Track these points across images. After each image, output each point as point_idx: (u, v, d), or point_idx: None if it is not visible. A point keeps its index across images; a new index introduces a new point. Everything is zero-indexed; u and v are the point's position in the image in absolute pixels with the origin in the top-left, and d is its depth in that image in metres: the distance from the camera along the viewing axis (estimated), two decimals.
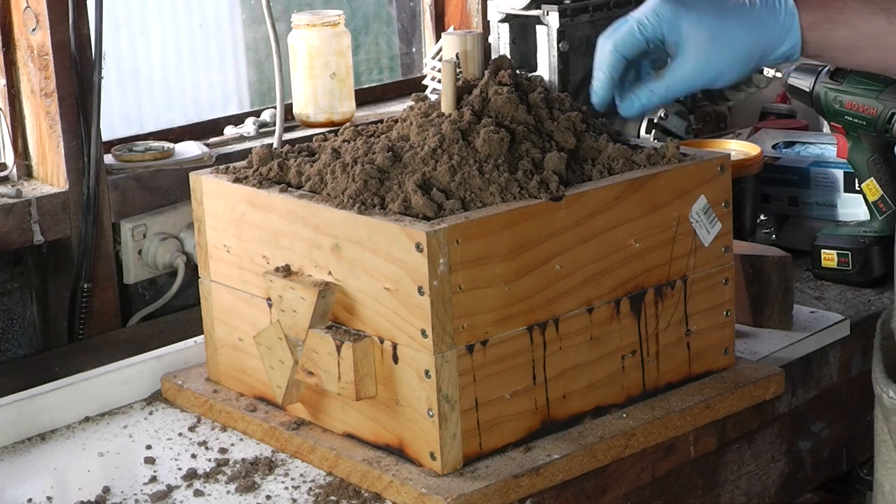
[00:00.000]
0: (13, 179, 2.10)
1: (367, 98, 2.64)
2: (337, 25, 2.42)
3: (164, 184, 2.17)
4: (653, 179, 1.59)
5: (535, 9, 2.31)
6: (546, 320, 1.52)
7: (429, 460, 1.48)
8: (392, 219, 1.46)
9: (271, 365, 1.59)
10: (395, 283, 1.46)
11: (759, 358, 1.79)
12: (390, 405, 1.50)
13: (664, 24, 1.55)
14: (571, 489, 1.53)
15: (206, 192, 1.69)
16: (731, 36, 1.55)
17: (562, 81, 2.29)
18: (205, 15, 2.59)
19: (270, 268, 1.59)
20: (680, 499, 1.69)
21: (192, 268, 2.17)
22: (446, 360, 1.45)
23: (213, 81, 2.60)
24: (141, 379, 1.78)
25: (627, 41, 1.56)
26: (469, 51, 1.69)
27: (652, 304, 1.62)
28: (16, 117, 2.10)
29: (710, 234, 1.66)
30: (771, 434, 1.80)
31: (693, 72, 1.56)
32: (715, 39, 1.54)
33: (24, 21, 2.05)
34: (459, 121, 1.56)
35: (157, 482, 1.55)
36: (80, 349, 2.01)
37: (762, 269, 1.87)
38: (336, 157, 1.60)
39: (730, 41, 1.55)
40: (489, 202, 1.49)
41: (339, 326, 1.54)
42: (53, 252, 2.09)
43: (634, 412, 1.61)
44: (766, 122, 2.59)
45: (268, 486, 1.53)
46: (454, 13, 2.75)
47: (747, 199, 2.16)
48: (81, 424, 1.72)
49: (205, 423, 1.69)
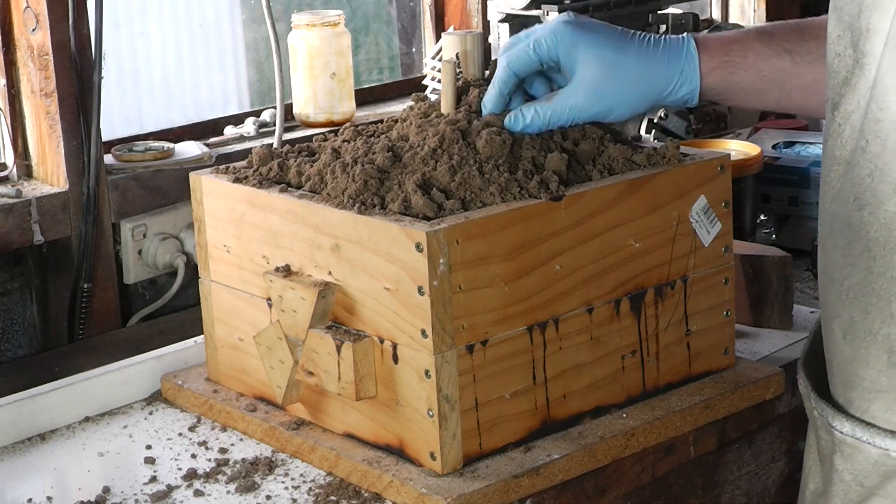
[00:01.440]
0: (13, 179, 2.10)
1: (367, 98, 2.64)
2: (337, 25, 2.42)
3: (164, 184, 2.17)
4: (653, 179, 1.59)
5: (535, 9, 2.31)
6: (546, 320, 1.53)
7: (429, 460, 1.48)
8: (392, 219, 1.46)
9: (271, 365, 1.59)
10: (395, 283, 1.46)
11: (759, 358, 1.79)
12: (390, 405, 1.50)
13: (560, 47, 1.54)
14: (571, 489, 1.53)
15: (206, 192, 1.69)
16: (627, 72, 1.53)
17: None
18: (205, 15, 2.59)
19: (270, 268, 1.59)
20: (680, 499, 1.69)
21: (192, 268, 2.17)
22: (446, 360, 1.45)
23: (213, 81, 2.60)
24: (141, 379, 1.78)
25: (521, 59, 1.56)
26: (469, 51, 1.69)
27: (652, 304, 1.62)
28: (16, 117, 2.10)
29: (710, 234, 1.66)
30: (771, 434, 1.80)
31: (583, 102, 1.55)
32: (610, 73, 1.52)
33: (24, 21, 2.05)
34: (459, 121, 1.56)
35: (157, 482, 1.55)
36: (80, 349, 2.01)
37: (762, 269, 1.87)
38: (336, 157, 1.60)
39: (625, 77, 1.53)
40: (489, 202, 1.49)
41: (339, 326, 1.54)
42: (53, 252, 2.09)
43: (634, 412, 1.61)
44: (766, 122, 2.59)
45: (268, 486, 1.53)
46: (454, 13, 2.75)
47: (747, 199, 2.16)
48: (81, 424, 1.72)
49: (205, 423, 1.69)
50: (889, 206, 1.24)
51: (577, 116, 1.56)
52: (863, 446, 1.31)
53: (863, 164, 1.26)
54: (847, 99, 1.26)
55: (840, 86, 1.27)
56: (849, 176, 1.28)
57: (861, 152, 1.26)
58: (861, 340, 1.30)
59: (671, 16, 2.39)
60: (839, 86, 1.27)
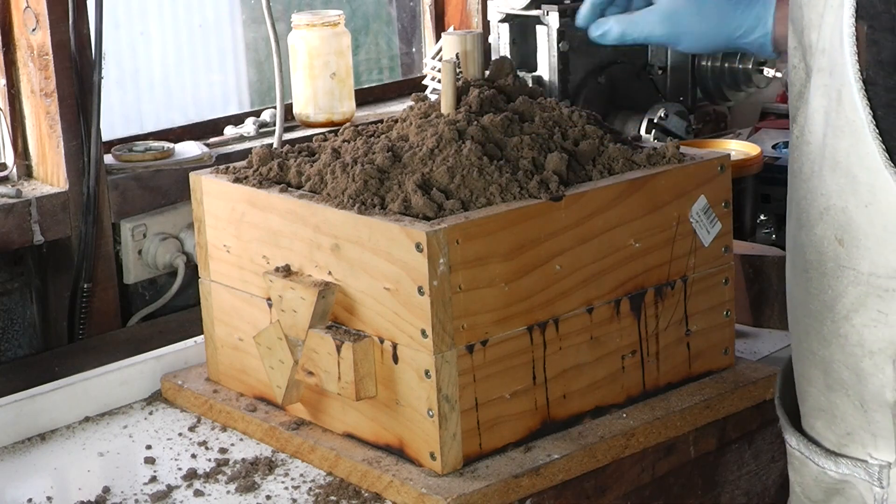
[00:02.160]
0: (13, 179, 2.10)
1: (367, 98, 2.64)
2: (337, 25, 2.42)
3: (164, 184, 2.17)
4: (653, 179, 1.59)
5: (535, 9, 2.31)
6: (546, 320, 1.52)
7: (429, 460, 1.48)
8: (392, 219, 1.46)
9: (271, 365, 1.59)
10: (395, 283, 1.46)
11: (759, 358, 1.79)
12: (390, 405, 1.50)
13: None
14: (571, 489, 1.53)
15: (206, 192, 1.69)
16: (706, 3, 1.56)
17: (562, 81, 2.29)
18: (205, 15, 2.59)
19: (270, 268, 1.59)
20: (680, 499, 1.69)
21: (192, 268, 2.17)
22: (446, 360, 1.45)
23: (213, 81, 2.60)
24: (141, 379, 1.78)
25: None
26: (469, 51, 1.69)
27: (652, 304, 1.62)
28: (16, 117, 2.10)
29: (710, 234, 1.66)
30: (771, 434, 1.80)
31: (658, 21, 1.59)
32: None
33: (24, 21, 2.05)
34: (459, 121, 1.56)
35: (157, 482, 1.55)
36: (80, 349, 2.01)
37: (762, 269, 1.87)
38: (336, 157, 1.60)
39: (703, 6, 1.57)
40: (489, 202, 1.49)
41: (339, 326, 1.54)
42: (53, 252, 2.09)
43: (634, 412, 1.61)
44: (766, 122, 2.59)
45: (268, 486, 1.53)
46: (454, 13, 2.75)
47: (747, 199, 2.17)
48: (81, 424, 1.72)
49: (205, 423, 1.69)
50: (817, 230, 1.24)
51: (649, 35, 1.61)
52: (806, 461, 1.34)
53: (800, 186, 1.26)
54: (801, 113, 1.26)
55: (796, 99, 1.27)
56: (794, 197, 1.29)
57: (799, 174, 1.26)
58: (805, 360, 1.32)
59: None
60: (796, 99, 1.28)
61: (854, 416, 1.28)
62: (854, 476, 1.29)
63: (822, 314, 1.27)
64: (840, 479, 1.31)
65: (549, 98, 1.67)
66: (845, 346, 1.25)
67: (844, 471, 1.30)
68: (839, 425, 1.30)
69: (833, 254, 1.23)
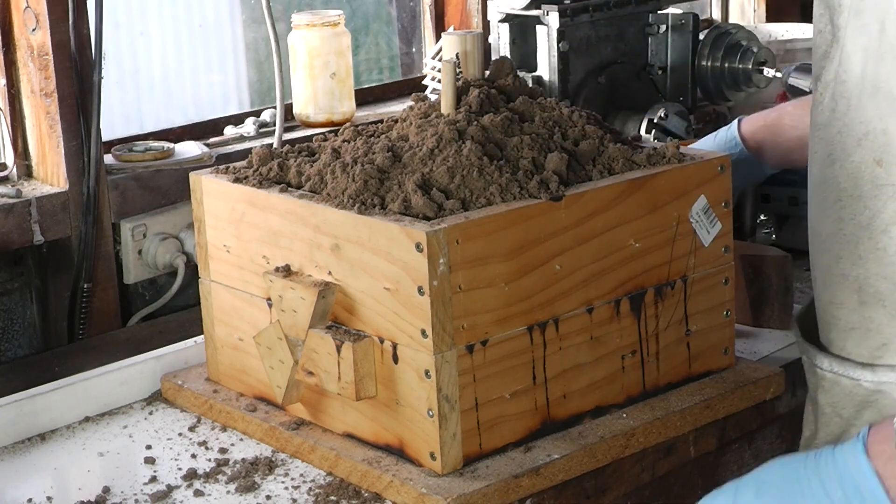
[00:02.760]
0: (13, 179, 2.10)
1: (367, 98, 2.64)
2: (337, 25, 2.42)
3: (164, 184, 2.17)
4: (653, 179, 1.59)
5: (535, 9, 2.31)
6: (546, 320, 1.52)
7: (429, 460, 1.48)
8: (392, 219, 1.46)
9: (271, 365, 1.59)
10: (395, 283, 1.46)
11: (759, 358, 1.79)
12: (390, 405, 1.50)
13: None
14: (571, 489, 1.53)
15: (206, 192, 1.69)
16: None
17: (562, 81, 2.29)
18: (205, 15, 2.59)
19: (270, 268, 1.59)
20: (680, 499, 1.69)
21: (192, 268, 2.17)
22: (446, 360, 1.45)
23: (213, 81, 2.60)
24: (141, 379, 1.78)
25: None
26: (469, 51, 1.69)
27: (652, 304, 1.62)
28: (16, 117, 2.10)
29: (710, 234, 1.66)
30: (771, 434, 1.80)
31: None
32: None
33: (24, 21, 2.05)
34: (459, 121, 1.56)
35: (157, 482, 1.55)
36: (80, 349, 2.01)
37: (762, 269, 1.87)
38: (336, 157, 1.60)
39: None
40: (489, 202, 1.49)
41: (339, 326, 1.54)
42: (53, 252, 2.09)
43: (634, 412, 1.61)
44: None
45: (268, 486, 1.53)
46: (454, 13, 2.75)
47: (747, 199, 2.16)
48: (81, 424, 1.72)
49: (205, 423, 1.69)
50: (854, 157, 1.36)
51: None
52: (839, 379, 1.43)
53: (833, 124, 1.38)
54: (826, 70, 1.39)
55: (821, 59, 1.40)
56: (824, 137, 1.40)
57: (832, 113, 1.38)
58: (836, 284, 1.42)
59: (671, 16, 2.39)
60: (820, 59, 1.40)
61: (889, 326, 1.38)
62: (890, 382, 1.39)
63: (857, 235, 1.38)
64: (874, 390, 1.40)
65: (549, 98, 1.67)
66: (883, 257, 1.37)
67: (882, 378, 1.39)
68: (874, 338, 1.40)
69: (870, 176, 1.36)
